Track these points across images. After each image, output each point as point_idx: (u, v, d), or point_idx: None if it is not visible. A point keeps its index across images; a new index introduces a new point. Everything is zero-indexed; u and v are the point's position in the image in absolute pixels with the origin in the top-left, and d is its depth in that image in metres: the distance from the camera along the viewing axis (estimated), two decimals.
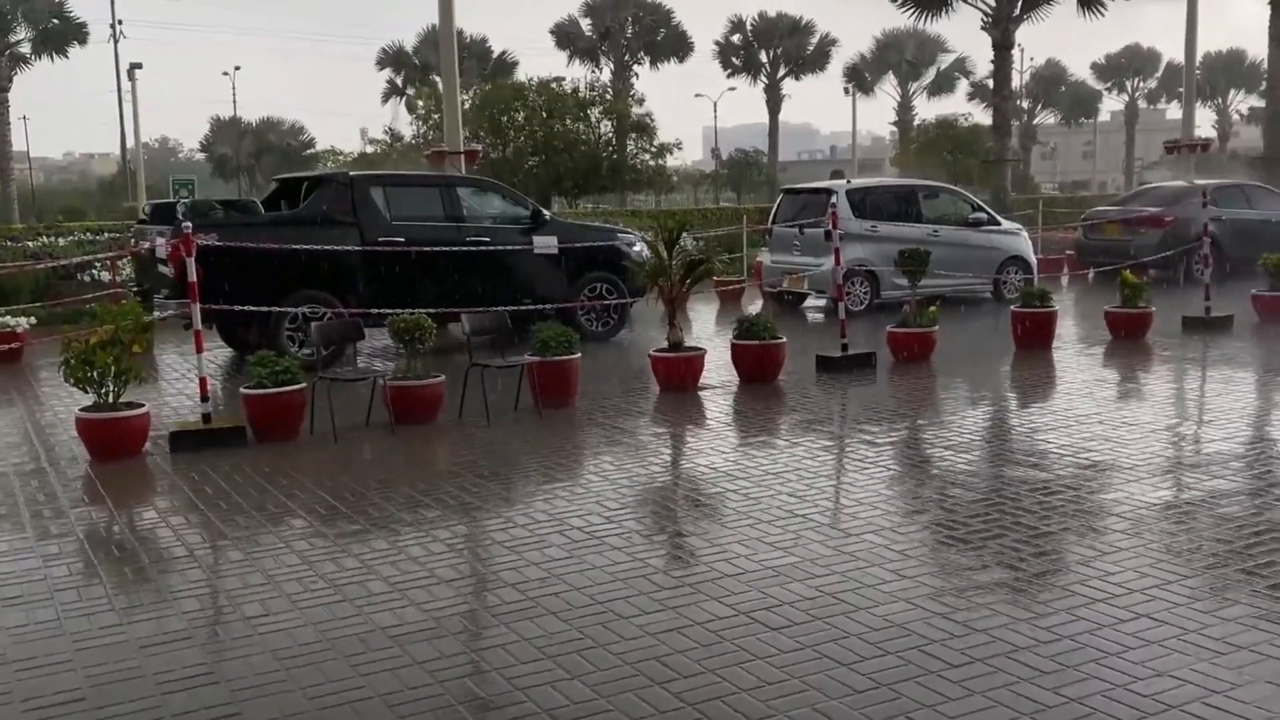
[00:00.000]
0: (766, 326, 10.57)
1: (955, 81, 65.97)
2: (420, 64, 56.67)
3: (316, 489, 7.19)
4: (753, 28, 62.18)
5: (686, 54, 60.00)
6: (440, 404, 9.14)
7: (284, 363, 8.57)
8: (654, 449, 8.39)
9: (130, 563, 5.88)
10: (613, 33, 58.36)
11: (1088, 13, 29.22)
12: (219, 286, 10.36)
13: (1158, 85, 76.42)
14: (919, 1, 30.61)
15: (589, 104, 34.53)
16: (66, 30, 47.07)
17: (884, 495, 6.81)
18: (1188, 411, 9.46)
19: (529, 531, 6.13)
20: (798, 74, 62.53)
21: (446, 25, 17.87)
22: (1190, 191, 19.44)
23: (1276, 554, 5.45)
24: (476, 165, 18.62)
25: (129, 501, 7.11)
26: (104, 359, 7.80)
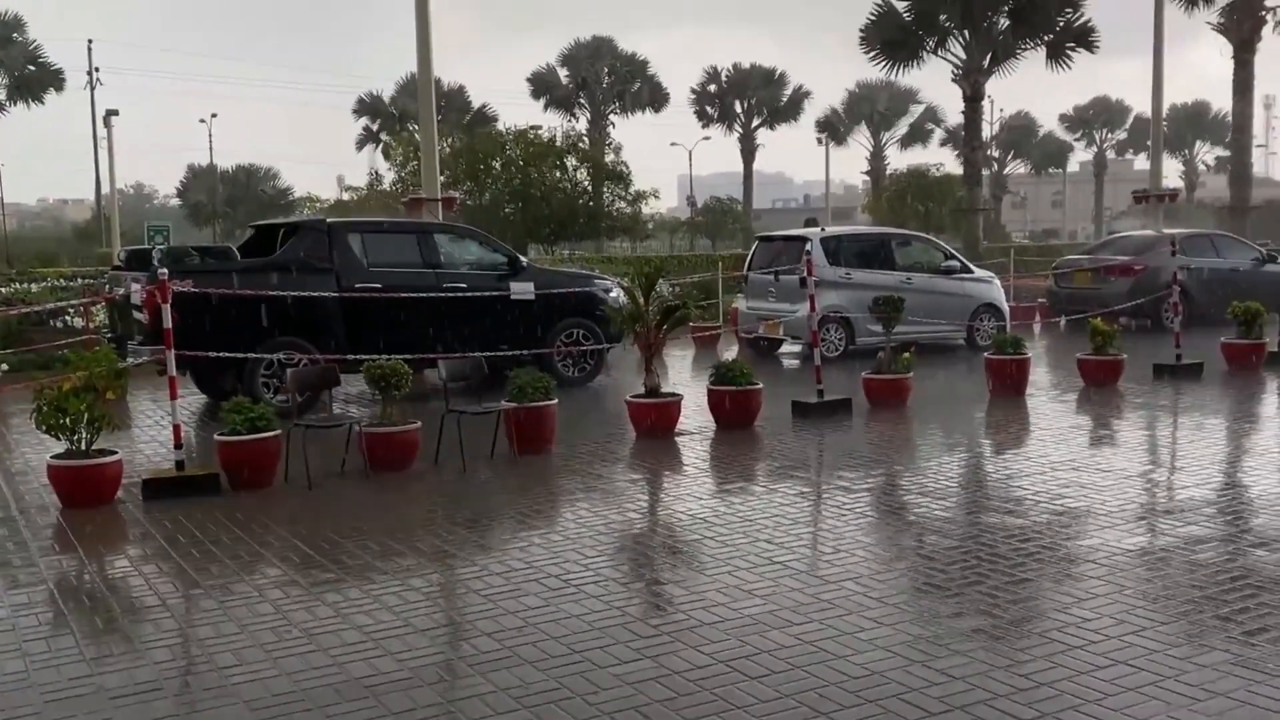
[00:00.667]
0: (743, 372, 10.59)
1: (927, 132, 66.90)
2: (398, 112, 56.90)
3: (291, 537, 7.12)
4: (727, 78, 62.95)
5: (662, 104, 60.62)
6: (416, 451, 9.09)
7: (259, 409, 8.51)
8: (631, 495, 8.36)
9: (101, 612, 5.79)
10: (589, 83, 58.90)
11: (1056, 66, 29.69)
12: (194, 333, 10.31)
13: (1126, 137, 77.69)
14: (891, 54, 31.00)
15: (565, 152, 34.75)
16: (43, 77, 47.14)
17: (862, 542, 6.80)
18: (1160, 458, 9.52)
19: (505, 580, 6.09)
20: (772, 124, 63.29)
21: (425, 73, 17.98)
22: (1159, 241, 19.70)
23: (1251, 600, 5.47)
24: (453, 212, 18.66)
25: (100, 550, 7.01)
26: (77, 406, 7.72)
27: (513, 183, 32.67)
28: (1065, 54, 29.48)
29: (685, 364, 16.54)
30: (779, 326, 16.19)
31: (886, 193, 52.89)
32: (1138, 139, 75.33)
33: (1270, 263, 19.97)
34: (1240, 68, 32.96)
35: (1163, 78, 25.42)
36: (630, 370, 14.96)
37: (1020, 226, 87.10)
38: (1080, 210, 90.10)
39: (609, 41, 60.20)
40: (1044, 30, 29.33)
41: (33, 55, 46.87)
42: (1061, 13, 29.17)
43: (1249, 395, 12.39)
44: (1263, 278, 19.13)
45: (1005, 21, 29.64)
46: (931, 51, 30.73)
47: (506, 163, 33.04)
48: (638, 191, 35.14)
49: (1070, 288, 20.51)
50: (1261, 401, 12.11)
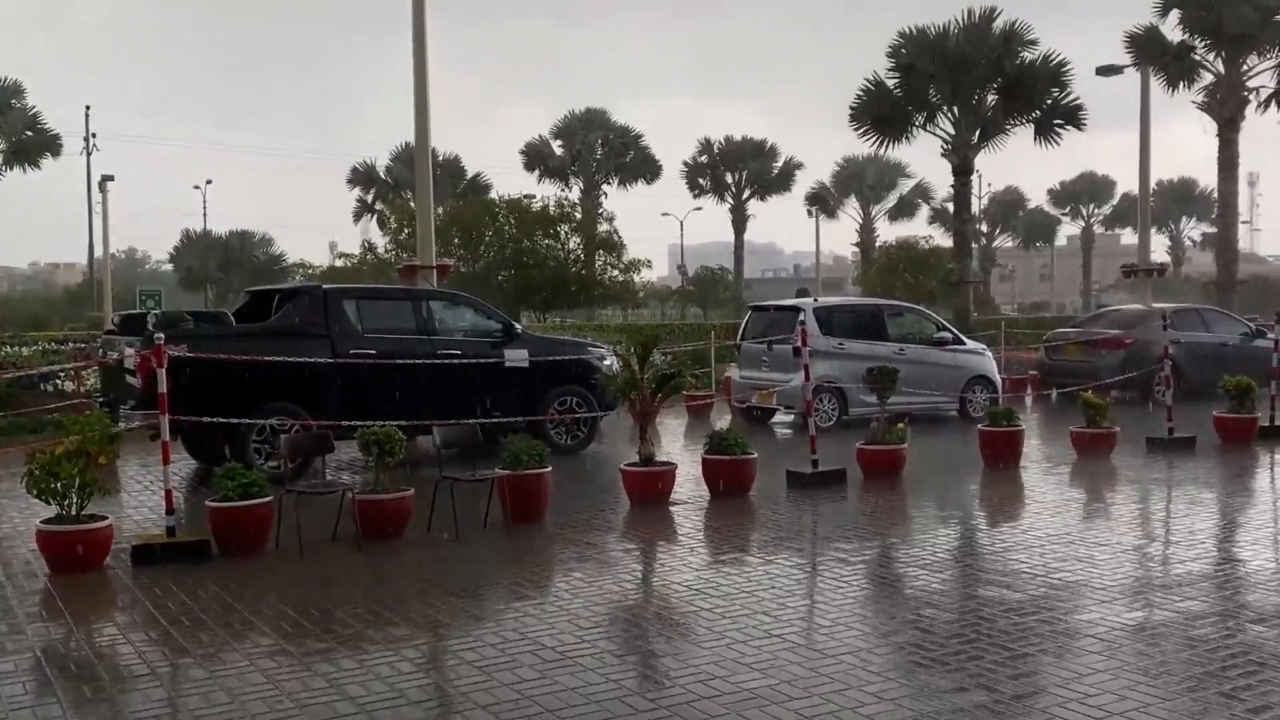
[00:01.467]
0: (737, 441, 10.58)
1: (916, 205, 67.53)
2: (393, 181, 57.33)
3: (282, 605, 7.03)
4: (719, 150, 63.61)
5: (655, 175, 61.16)
6: (409, 518, 9.01)
7: (252, 475, 8.45)
8: (626, 565, 8.29)
9: (89, 681, 5.70)
10: (582, 154, 59.46)
11: (1044, 142, 30.11)
12: (188, 398, 10.26)
13: (1112, 212, 78.45)
14: (881, 130, 31.43)
15: (558, 221, 35.05)
16: (41, 142, 47.36)
17: (859, 615, 6.74)
18: (1156, 532, 9.49)
19: (500, 651, 6.01)
20: (762, 195, 63.87)
21: (422, 143, 18.16)
22: (1149, 315, 19.83)
23: (1253, 677, 5.42)
24: (447, 279, 18.72)
25: (89, 616, 6.91)
26: (69, 470, 7.66)
27: (505, 250, 32.92)
28: (1054, 131, 29.92)
29: (678, 432, 16.52)
30: (772, 395, 16.20)
31: (876, 264, 53.35)
32: (1124, 214, 76.11)
33: (1259, 338, 20.08)
34: (1225, 146, 33.53)
35: (1150, 156, 25.77)
36: (621, 438, 14.94)
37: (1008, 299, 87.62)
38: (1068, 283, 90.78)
39: (602, 113, 60.91)
40: (1032, 108, 29.80)
41: (31, 121, 47.12)
42: (1049, 92, 29.64)
43: (1243, 469, 12.40)
44: (1252, 353, 19.21)
45: (994, 98, 30.11)
46: (921, 127, 31.18)
47: (499, 230, 33.32)
48: (631, 260, 35.41)
49: (1061, 360, 20.61)
50: (1255, 475, 12.12)
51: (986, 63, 29.56)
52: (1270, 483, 11.76)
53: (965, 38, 29.72)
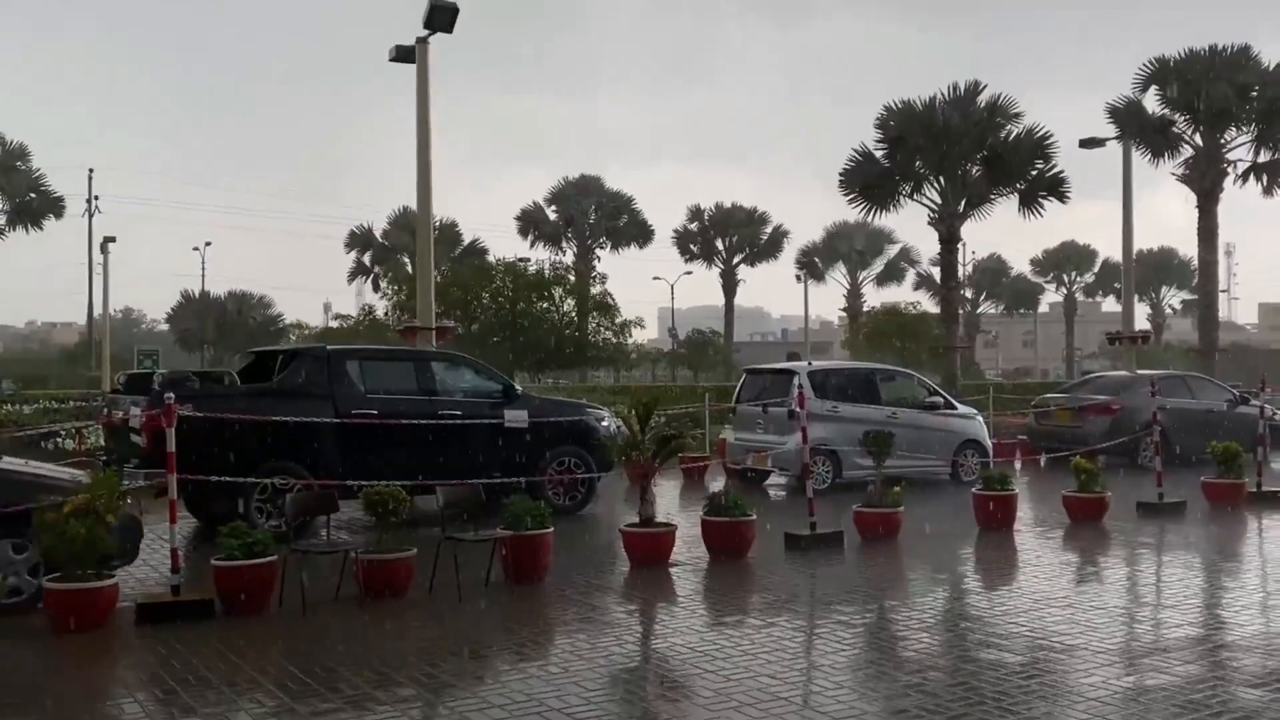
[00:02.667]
0: (736, 503, 10.56)
1: (902, 270, 68.02)
2: (390, 244, 57.60)
3: (287, 664, 6.96)
4: (709, 217, 64.12)
5: (647, 240, 61.54)
6: (411, 577, 8.94)
7: (256, 534, 8.40)
8: (628, 627, 8.24)
9: None
10: (576, 219, 59.87)
11: (1028, 213, 30.40)
12: (192, 457, 10.22)
13: (1094, 280, 79.05)
14: (869, 198, 31.70)
15: (553, 284, 35.23)
16: (44, 204, 47.57)
17: (862, 678, 6.70)
18: (1150, 596, 9.47)
19: (506, 713, 5.95)
20: (752, 261, 64.28)
21: (424, 211, 18.31)
22: (1136, 381, 19.93)
23: None
24: (446, 341, 18.75)
25: (94, 674, 6.83)
26: (76, 529, 7.61)
27: (501, 312, 33.04)
28: (1037, 202, 30.18)
29: (674, 494, 16.46)
30: (767, 458, 16.19)
31: (864, 329, 53.62)
32: (1106, 282, 76.72)
33: (1243, 404, 20.19)
34: (1204, 216, 33.91)
35: (1132, 225, 26.06)
36: (617, 499, 14.89)
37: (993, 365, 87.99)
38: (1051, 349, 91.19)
39: (596, 179, 61.47)
40: (1016, 179, 30.09)
41: (35, 183, 47.39)
42: (1033, 164, 29.97)
43: (1232, 534, 12.40)
44: (1236, 419, 19.31)
45: (979, 170, 30.44)
46: (908, 196, 31.45)
47: (495, 293, 33.46)
48: (623, 321, 35.53)
49: (1050, 425, 20.67)
50: (1245, 540, 12.12)
51: (972, 135, 29.90)
52: (1259, 548, 11.76)
53: (951, 111, 30.11)
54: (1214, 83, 32.52)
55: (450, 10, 16.83)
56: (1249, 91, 32.84)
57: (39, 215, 47.50)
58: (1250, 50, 33.29)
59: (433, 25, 17.05)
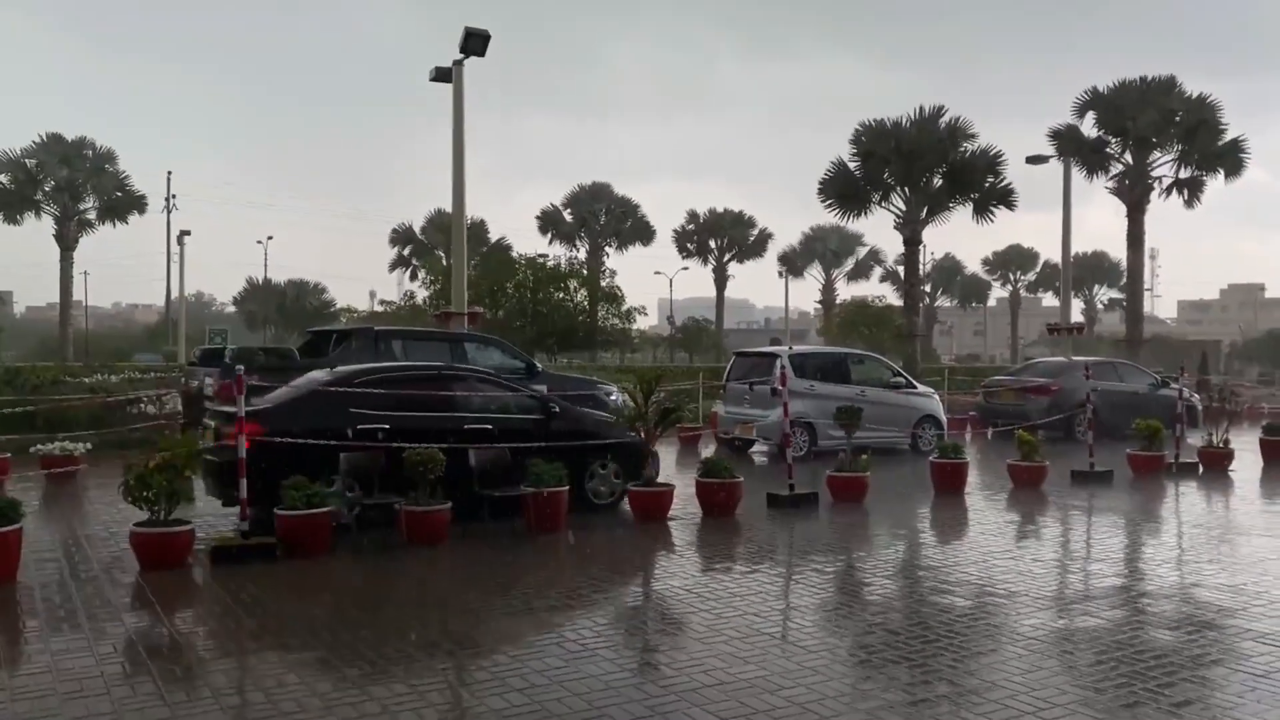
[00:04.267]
0: (726, 468, 10.57)
1: (870, 268, 67.99)
2: (427, 241, 57.45)
3: (342, 599, 6.99)
4: (704, 220, 64.00)
5: (650, 239, 61.38)
6: (447, 527, 8.98)
7: (315, 488, 8.42)
8: (634, 572, 8.27)
9: (177, 661, 5.66)
10: (588, 221, 59.72)
11: (981, 219, 30.34)
12: None
13: (1036, 278, 78.86)
14: (843, 205, 31.61)
15: (568, 276, 35.20)
16: (129, 202, 47.44)
17: (834, 617, 6.73)
18: (1083, 551, 9.49)
19: (530, 643, 5.99)
20: (741, 259, 64.20)
21: (459, 211, 18.29)
22: (1072, 366, 19.92)
23: (1174, 676, 5.43)
24: (476, 325, 18.76)
25: (176, 607, 6.87)
26: (160, 481, 7.64)
27: (523, 301, 33.00)
28: (989, 210, 30.12)
29: (672, 459, 16.46)
30: (753, 429, 16.19)
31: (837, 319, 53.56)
32: (1046, 280, 76.57)
33: (1163, 388, 20.18)
34: (1133, 225, 33.80)
35: (1070, 231, 26.01)
36: None
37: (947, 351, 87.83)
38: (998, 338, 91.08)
39: (606, 186, 61.26)
40: (971, 190, 30.02)
41: (121, 183, 47.25)
42: (986, 177, 29.90)
43: (1153, 498, 12.42)
44: (1157, 400, 19.30)
45: (939, 182, 30.35)
46: (877, 203, 31.39)
47: (519, 284, 33.41)
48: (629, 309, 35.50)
49: (997, 403, 20.68)
50: (1163, 504, 12.14)
51: (934, 152, 29.82)
52: (1175, 510, 11.77)
53: (916, 130, 30.01)
54: (1143, 109, 32.38)
55: (483, 37, 16.77)
56: (1173, 117, 32.68)
57: (124, 211, 47.37)
58: (1175, 80, 33.12)
59: (467, 50, 17.00)
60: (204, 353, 13.40)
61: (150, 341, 52.70)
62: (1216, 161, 32.83)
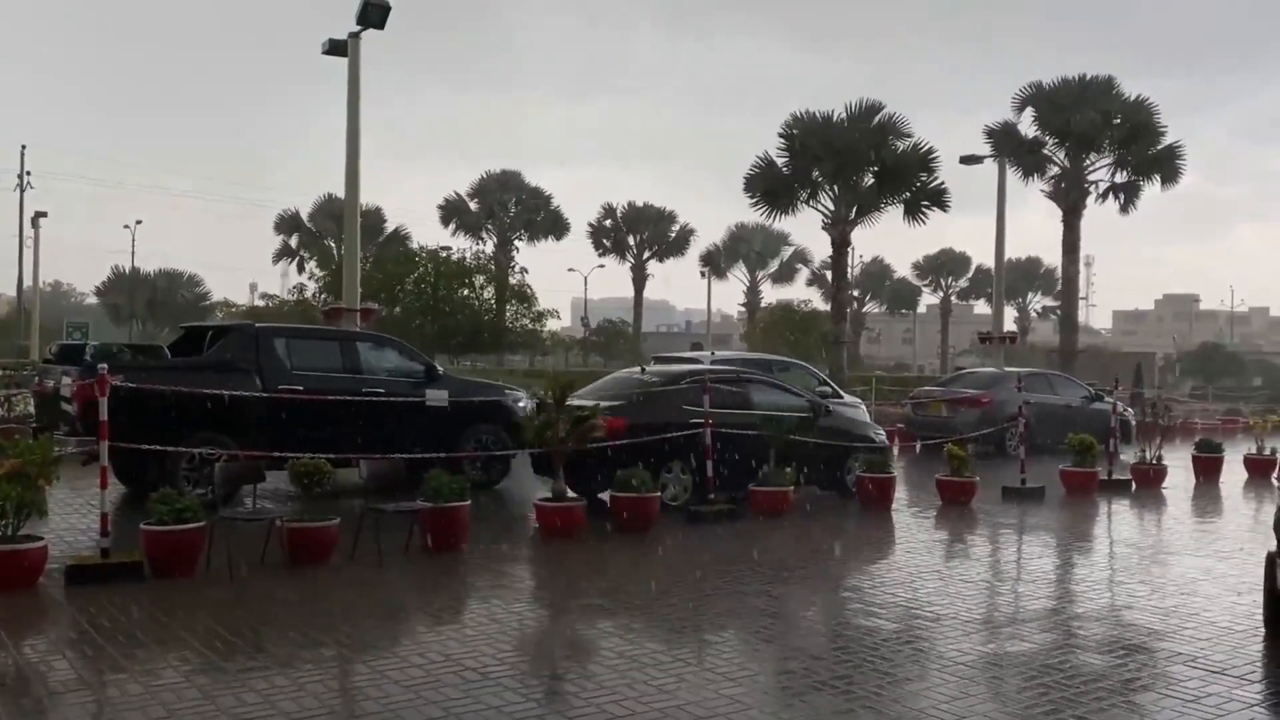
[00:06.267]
0: (644, 481, 10.61)
1: (796, 270, 68.97)
2: (315, 229, 56.41)
3: (214, 624, 6.81)
4: (622, 214, 64.15)
5: (563, 233, 61.21)
6: (334, 545, 8.83)
7: (186, 501, 8.21)
8: (541, 593, 8.25)
9: (25, 695, 5.45)
10: (496, 212, 59.34)
11: (913, 220, 31.03)
12: (122, 426, 9.91)
13: (968, 285, 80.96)
14: (770, 202, 32.03)
15: (474, 272, 34.91)
16: None
17: (754, 640, 6.81)
18: (1012, 571, 9.78)
19: (425, 672, 5.92)
20: (661, 257, 64.54)
21: (352, 198, 18.02)
22: (1004, 377, 20.53)
23: (1104, 702, 5.63)
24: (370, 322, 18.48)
25: (25, 633, 6.61)
26: (9, 492, 7.35)
27: (424, 298, 32.63)
28: (921, 211, 30.82)
29: None
30: None
31: (761, 323, 54.25)
32: (978, 286, 78.59)
33: (1097, 401, 20.92)
34: (1068, 231, 35.02)
35: (1005, 236, 26.82)
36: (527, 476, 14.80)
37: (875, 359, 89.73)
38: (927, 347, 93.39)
39: (516, 174, 60.88)
40: (903, 190, 30.69)
41: None
42: (918, 176, 30.61)
43: (1085, 517, 12.87)
44: (1091, 414, 20.01)
45: (870, 180, 30.96)
46: (805, 202, 31.86)
47: (419, 279, 33.03)
48: (540, 311, 35.38)
49: (926, 415, 21.18)
50: (1096, 522, 12.59)
51: (866, 149, 30.42)
52: (1108, 529, 12.22)
53: (849, 125, 30.58)
54: (1081, 109, 33.56)
55: (383, 8, 16.55)
56: (1112, 119, 33.98)
57: None
58: (1114, 81, 34.45)
59: (366, 21, 16.77)
60: (62, 349, 12.90)
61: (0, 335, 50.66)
62: (1154, 166, 34.25)
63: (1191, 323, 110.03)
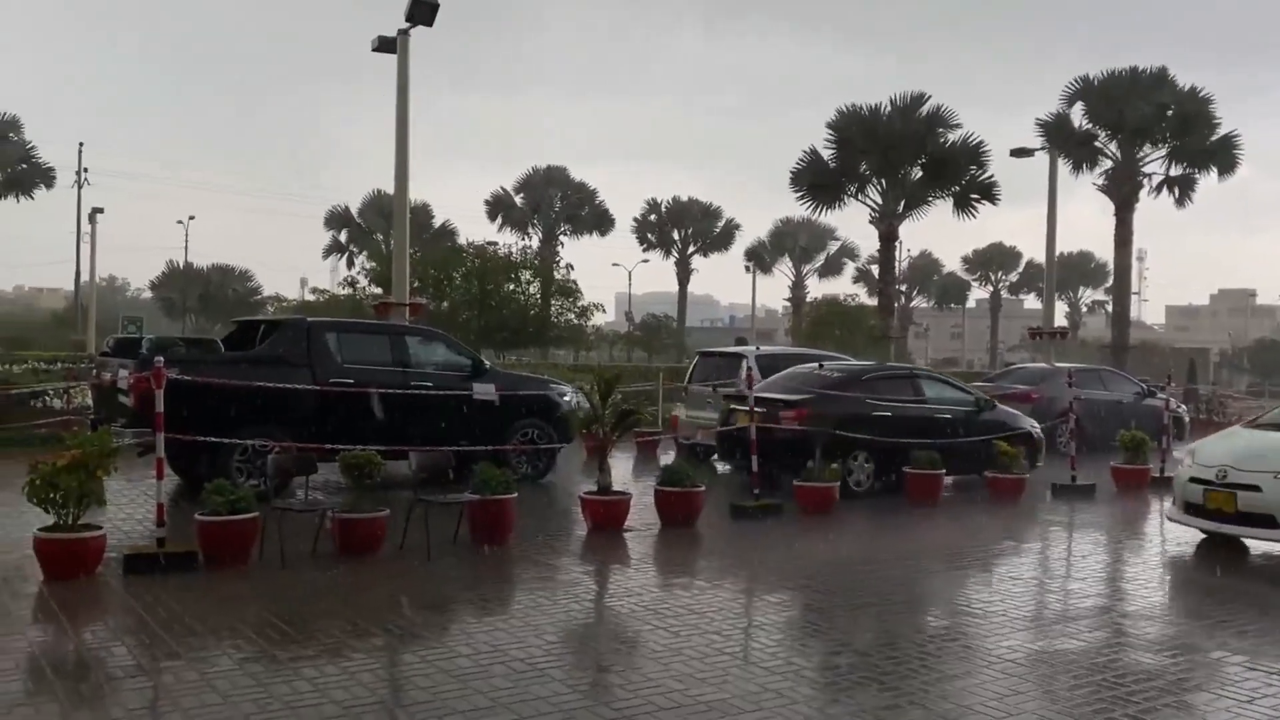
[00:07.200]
0: (688, 475, 10.62)
1: (842, 264, 68.60)
2: (365, 224, 57.02)
3: (267, 613, 6.93)
4: (666, 209, 64.19)
5: (607, 228, 61.44)
6: (384, 536, 8.94)
7: (240, 492, 8.35)
8: (586, 585, 8.29)
9: (84, 680, 5.58)
10: (542, 207, 59.62)
11: (962, 214, 30.73)
12: (177, 418, 10.11)
13: (1018, 279, 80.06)
14: (816, 196, 31.89)
15: (520, 267, 35.09)
16: (35, 174, 46.61)
17: (800, 636, 6.80)
18: (1061, 569, 9.66)
19: (473, 662, 5.98)
20: (705, 252, 64.51)
21: (401, 195, 18.18)
22: (1054, 373, 20.25)
23: (1155, 701, 5.56)
24: (419, 316, 18.64)
25: (84, 620, 6.77)
26: (69, 482, 7.52)
27: (471, 292, 32.86)
28: (970, 204, 30.53)
29: (628, 466, 16.51)
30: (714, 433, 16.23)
31: (807, 318, 53.96)
32: (1029, 281, 77.75)
33: (1150, 397, 20.58)
34: (1120, 225, 34.44)
35: (1056, 230, 26.43)
36: (573, 470, 14.90)
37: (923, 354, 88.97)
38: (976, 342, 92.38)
39: (562, 170, 61.20)
40: (952, 183, 30.40)
41: (26, 154, 46.40)
42: (968, 169, 30.30)
43: (1137, 514, 12.69)
44: (1143, 410, 19.68)
45: (919, 173, 30.69)
46: (852, 196, 31.67)
47: (466, 274, 33.26)
48: (585, 305, 35.48)
49: None
50: (1148, 520, 12.40)
51: (914, 141, 30.16)
52: (1160, 527, 12.02)
53: (896, 118, 30.34)
54: (1134, 101, 33.00)
55: (431, 5, 16.67)
56: (1165, 110, 33.37)
57: (30, 185, 46.55)
58: (1167, 72, 33.81)
59: (414, 18, 16.90)
60: (117, 342, 13.17)
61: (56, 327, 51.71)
62: (1209, 158, 33.59)
63: (1248, 318, 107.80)
